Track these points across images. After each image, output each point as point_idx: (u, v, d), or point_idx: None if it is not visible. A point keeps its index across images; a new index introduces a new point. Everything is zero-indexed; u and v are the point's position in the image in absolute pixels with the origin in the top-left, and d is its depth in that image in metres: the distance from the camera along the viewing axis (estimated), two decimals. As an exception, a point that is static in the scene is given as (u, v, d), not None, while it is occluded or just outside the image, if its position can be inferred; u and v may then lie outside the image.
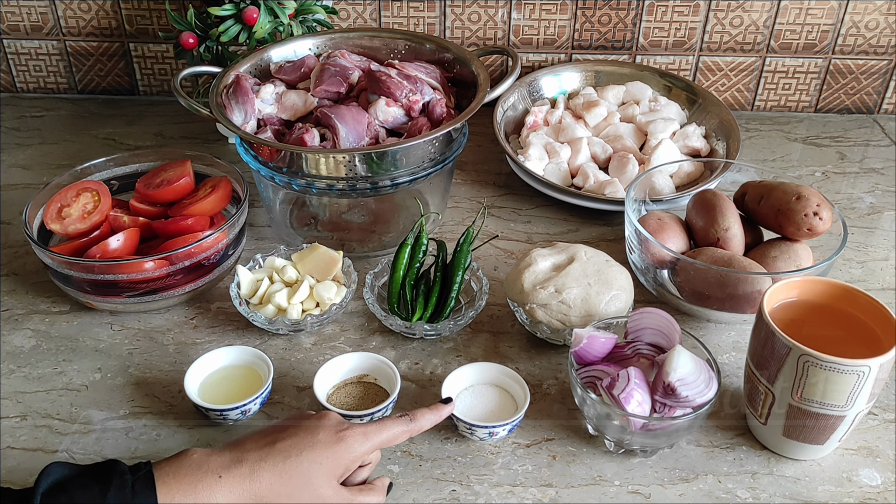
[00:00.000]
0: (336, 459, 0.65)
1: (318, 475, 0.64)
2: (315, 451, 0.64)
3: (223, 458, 0.63)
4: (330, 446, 0.65)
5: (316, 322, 0.90)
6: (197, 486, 0.60)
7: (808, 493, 0.75)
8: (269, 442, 0.65)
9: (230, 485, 0.61)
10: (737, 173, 1.05)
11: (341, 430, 0.66)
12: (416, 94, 1.01)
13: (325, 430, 0.66)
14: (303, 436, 0.65)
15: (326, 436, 0.66)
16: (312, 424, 0.67)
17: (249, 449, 0.64)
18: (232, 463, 0.63)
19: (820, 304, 0.78)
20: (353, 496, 0.67)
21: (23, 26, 1.34)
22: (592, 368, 0.79)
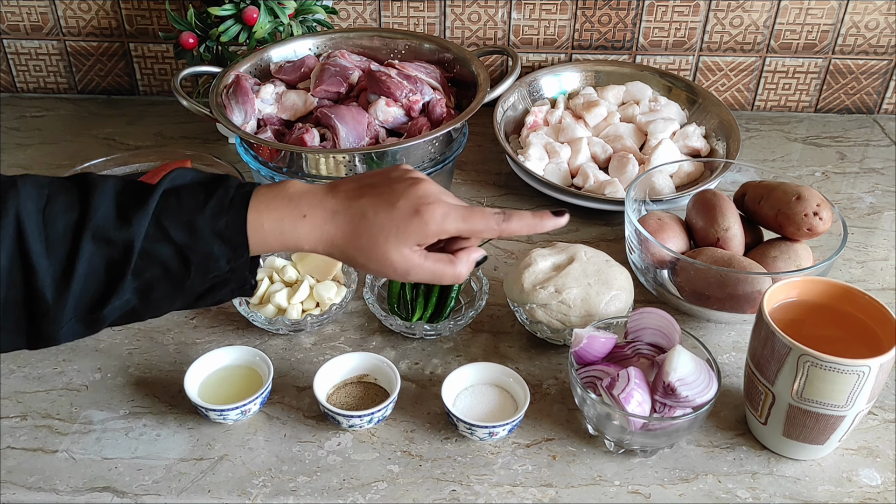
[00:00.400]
0: (406, 231, 0.65)
1: (386, 241, 0.65)
2: (389, 217, 0.65)
3: (313, 199, 0.65)
4: (404, 218, 0.65)
5: (316, 322, 0.90)
6: (283, 219, 0.64)
7: (808, 493, 0.75)
8: (355, 194, 0.66)
9: (311, 225, 0.65)
10: (737, 173, 1.05)
11: (422, 204, 0.65)
12: (416, 94, 1.02)
13: (407, 198, 0.66)
14: (385, 197, 0.66)
15: (406, 205, 0.65)
16: (401, 188, 0.67)
17: (338, 195, 0.66)
18: (318, 205, 0.65)
19: (820, 304, 0.78)
20: (423, 261, 0.67)
21: (23, 26, 1.34)
22: (592, 368, 0.79)
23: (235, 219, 0.62)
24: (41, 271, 0.58)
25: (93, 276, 0.60)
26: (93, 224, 0.59)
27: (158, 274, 0.61)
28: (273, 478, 0.75)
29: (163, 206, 0.61)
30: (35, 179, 0.61)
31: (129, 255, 0.60)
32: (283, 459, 0.77)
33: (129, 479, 0.75)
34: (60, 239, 0.59)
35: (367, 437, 0.79)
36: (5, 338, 0.60)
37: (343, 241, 0.65)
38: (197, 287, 0.63)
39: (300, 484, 0.75)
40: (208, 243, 0.62)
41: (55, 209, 0.60)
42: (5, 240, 0.57)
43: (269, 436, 0.79)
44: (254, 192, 0.64)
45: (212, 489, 0.74)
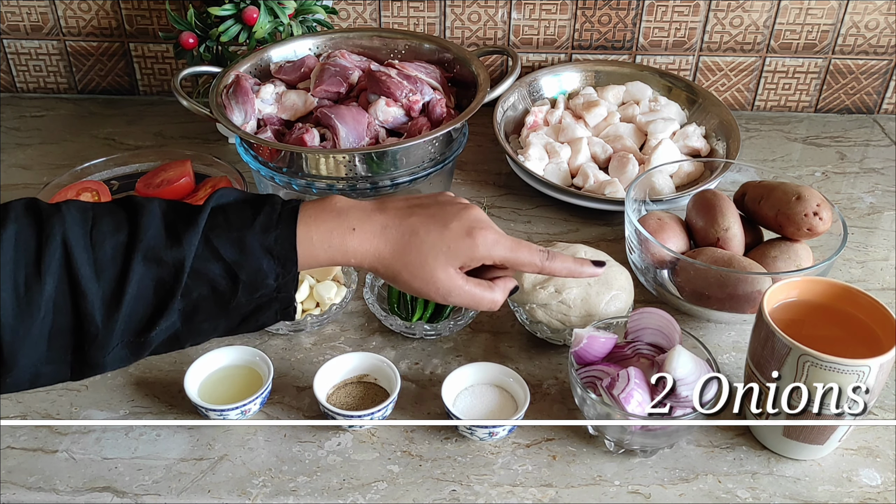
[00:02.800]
0: (456, 251, 0.67)
1: (436, 259, 0.66)
2: (441, 237, 0.66)
3: (361, 213, 0.67)
4: (456, 238, 0.67)
5: (316, 322, 0.90)
6: (332, 232, 0.65)
7: (808, 493, 0.75)
8: (407, 212, 0.67)
9: (360, 239, 0.66)
10: (737, 173, 1.05)
11: (475, 228, 0.67)
12: (416, 94, 1.02)
13: (459, 220, 0.67)
14: (438, 218, 0.67)
15: (458, 226, 0.67)
16: (453, 210, 0.68)
17: (388, 212, 0.67)
18: (367, 219, 0.66)
19: (820, 304, 0.78)
20: (465, 283, 0.68)
21: (23, 26, 1.34)
22: (592, 368, 0.79)
23: (285, 233, 0.63)
24: (91, 294, 0.57)
25: (142, 298, 0.59)
26: (143, 245, 0.59)
27: (206, 293, 0.61)
28: (273, 478, 0.75)
29: (211, 223, 0.61)
30: (78, 204, 0.61)
31: (179, 275, 0.60)
32: (283, 459, 0.77)
33: (129, 479, 0.75)
34: (109, 261, 0.58)
35: (367, 437, 0.79)
36: (49, 370, 0.59)
37: (391, 256, 0.66)
38: (243, 308, 0.63)
39: (300, 484, 0.75)
40: (258, 259, 0.62)
41: (102, 231, 0.59)
42: (52, 266, 0.57)
43: (269, 436, 0.79)
44: (300, 207, 0.65)
45: (212, 489, 0.74)
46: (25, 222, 0.58)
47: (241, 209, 0.63)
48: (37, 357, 0.58)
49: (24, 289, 0.56)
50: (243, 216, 0.63)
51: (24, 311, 0.56)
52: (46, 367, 0.59)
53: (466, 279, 0.68)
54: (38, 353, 0.58)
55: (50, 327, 0.57)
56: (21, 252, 0.57)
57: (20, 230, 0.57)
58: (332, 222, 0.65)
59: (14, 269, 0.56)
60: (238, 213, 0.63)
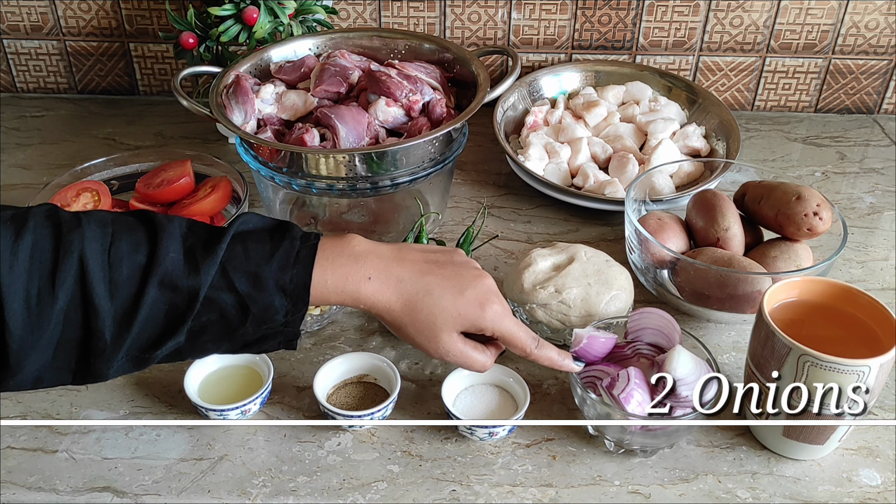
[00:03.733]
0: (465, 319, 0.69)
1: (444, 323, 0.68)
2: (454, 303, 0.68)
3: (378, 263, 0.68)
4: (468, 307, 0.69)
5: (316, 322, 0.90)
6: (348, 278, 0.66)
7: (808, 493, 0.75)
8: (424, 268, 0.69)
9: (374, 288, 0.67)
10: (737, 173, 1.05)
11: (487, 301, 0.69)
12: (416, 94, 1.01)
13: (474, 290, 0.69)
14: (454, 282, 0.69)
15: (472, 296, 0.69)
16: (468, 276, 0.70)
17: (405, 264, 0.69)
18: (384, 270, 0.68)
19: (820, 304, 0.78)
20: (463, 346, 0.70)
21: (23, 26, 1.34)
22: (592, 368, 0.79)
23: (301, 274, 0.64)
24: (103, 313, 0.58)
25: (153, 320, 0.60)
26: (161, 269, 0.59)
27: (214, 319, 0.62)
28: (273, 478, 0.75)
29: (229, 253, 0.62)
30: (99, 217, 0.61)
31: (193, 303, 0.60)
32: (283, 459, 0.77)
33: (129, 479, 0.75)
34: (125, 282, 0.59)
35: (367, 437, 0.79)
36: (52, 375, 0.60)
37: (402, 310, 0.68)
38: (248, 336, 0.64)
39: (300, 484, 0.75)
40: (270, 295, 0.62)
41: (120, 250, 0.59)
42: (67, 281, 0.57)
43: (269, 436, 0.79)
44: (318, 246, 0.65)
45: (212, 489, 0.74)
46: (44, 233, 0.58)
47: (260, 240, 0.64)
48: (42, 363, 0.58)
49: (37, 300, 0.57)
50: (262, 250, 0.63)
51: (35, 321, 0.57)
52: (50, 372, 0.59)
53: (465, 341, 0.71)
54: (44, 360, 0.58)
55: (58, 338, 0.58)
56: (37, 263, 0.57)
57: (38, 240, 0.57)
58: (348, 268, 0.66)
59: (28, 279, 0.56)
60: (257, 246, 0.63)
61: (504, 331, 0.71)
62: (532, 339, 0.72)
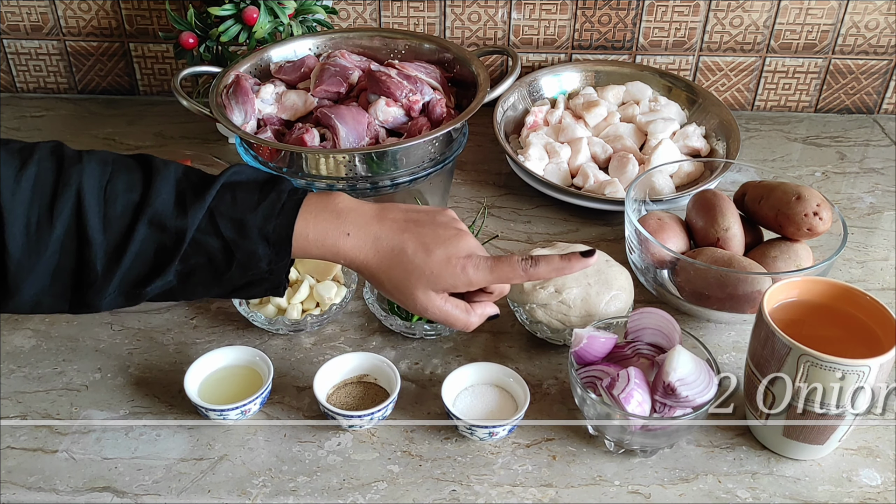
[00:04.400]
0: (437, 277, 0.69)
1: (418, 280, 0.69)
2: (425, 262, 0.69)
3: (359, 219, 0.69)
4: (438, 266, 0.69)
5: (316, 322, 0.90)
6: (328, 232, 0.68)
7: (808, 493, 0.75)
8: (402, 226, 0.70)
9: (352, 244, 0.69)
10: (737, 173, 1.05)
11: (457, 257, 0.69)
12: (416, 94, 1.01)
13: (445, 248, 0.69)
14: (428, 240, 0.70)
15: (443, 254, 0.69)
16: (444, 235, 0.70)
17: (385, 222, 0.70)
18: (363, 227, 0.69)
19: (820, 304, 0.78)
20: (443, 303, 0.71)
21: (23, 26, 1.34)
22: (592, 368, 0.79)
23: (284, 224, 0.66)
24: (95, 245, 0.62)
25: (142, 256, 0.64)
26: (151, 210, 0.63)
27: (202, 262, 0.65)
28: (273, 478, 0.75)
29: (218, 200, 0.65)
30: (100, 156, 0.65)
31: (179, 243, 0.64)
32: (283, 459, 0.77)
33: (129, 479, 0.75)
34: (118, 218, 0.63)
35: (367, 437, 0.79)
36: (49, 301, 0.64)
37: (377, 266, 0.70)
38: (235, 280, 0.67)
39: (300, 484, 0.75)
40: (254, 243, 0.66)
41: (116, 188, 0.63)
42: (64, 212, 0.61)
43: (269, 436, 0.79)
44: (304, 201, 0.68)
45: (212, 489, 0.74)
46: (47, 165, 0.62)
47: (249, 191, 0.67)
48: (39, 288, 0.63)
49: (36, 227, 0.61)
50: (249, 199, 0.66)
51: (33, 247, 0.61)
52: (47, 298, 0.63)
53: (445, 299, 0.71)
54: (42, 285, 0.63)
55: (55, 265, 0.62)
56: (38, 193, 0.61)
57: (40, 172, 0.61)
58: (329, 223, 0.68)
59: (28, 207, 0.61)
60: (245, 195, 0.66)
61: (484, 278, 0.70)
62: (521, 263, 0.70)
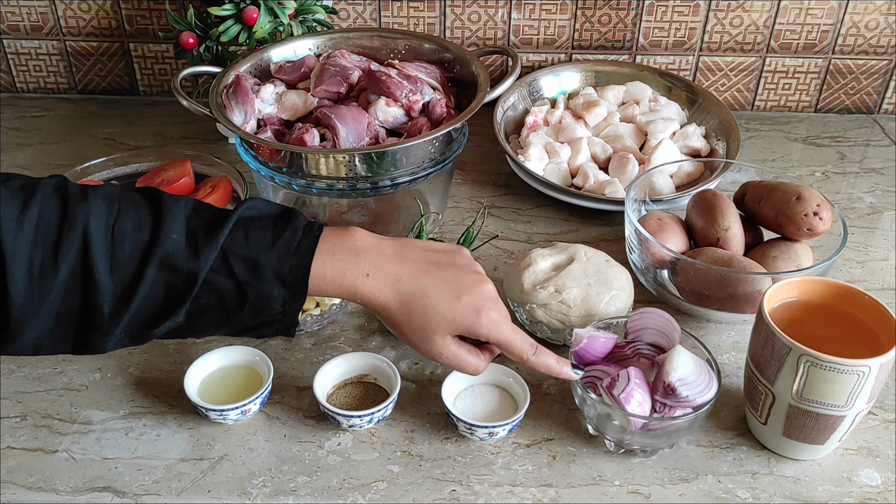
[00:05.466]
0: (460, 324, 0.68)
1: (438, 326, 0.68)
2: (450, 308, 0.68)
3: (378, 259, 0.68)
4: (463, 313, 0.68)
5: (316, 322, 0.90)
6: (346, 272, 0.66)
7: (808, 493, 0.75)
8: (424, 268, 0.69)
9: (371, 285, 0.67)
10: (737, 173, 1.05)
11: (483, 308, 0.69)
12: (416, 94, 1.01)
13: (471, 295, 0.68)
14: (452, 286, 0.68)
15: (469, 302, 0.68)
16: (468, 281, 0.69)
17: (405, 263, 0.68)
18: (383, 268, 0.67)
19: (820, 304, 0.78)
20: (457, 349, 0.70)
21: (23, 26, 1.34)
22: (592, 368, 0.79)
23: (300, 265, 0.64)
24: (103, 288, 0.59)
25: (152, 298, 0.61)
26: (162, 250, 0.60)
27: (213, 302, 0.63)
28: (273, 478, 0.75)
29: (231, 239, 0.63)
30: (106, 192, 0.62)
31: (191, 285, 0.61)
32: (283, 459, 0.77)
33: (129, 479, 0.75)
34: (126, 260, 0.60)
35: (367, 437, 0.79)
36: (51, 344, 0.61)
37: (397, 309, 0.68)
38: (246, 321, 0.65)
39: (300, 484, 0.75)
40: (269, 284, 0.63)
41: (124, 227, 0.60)
42: (70, 254, 0.58)
43: (269, 436, 0.79)
44: (320, 239, 0.65)
45: (212, 489, 0.74)
46: (51, 205, 0.59)
47: (263, 228, 0.64)
48: (41, 331, 0.60)
49: (39, 270, 0.58)
50: (263, 237, 0.64)
51: (36, 291, 0.58)
52: (50, 341, 0.61)
53: (459, 344, 0.71)
54: (44, 328, 0.60)
55: (58, 308, 0.59)
56: (41, 234, 0.58)
57: (44, 212, 0.59)
58: (347, 262, 0.66)
59: (32, 249, 0.58)
60: (259, 233, 0.64)
61: (500, 338, 0.70)
62: (529, 346, 0.71)
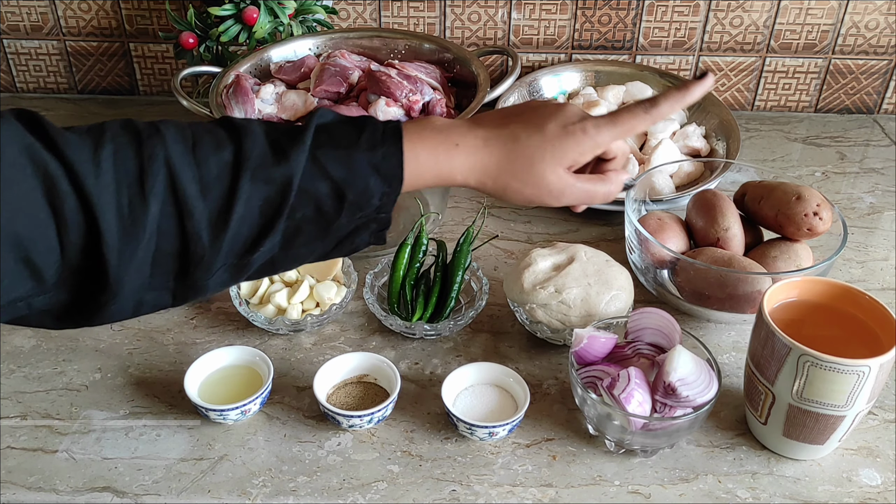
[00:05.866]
0: (561, 150, 0.66)
1: (542, 161, 0.66)
2: (542, 137, 0.66)
3: (461, 129, 0.66)
4: (556, 138, 0.66)
5: (316, 322, 0.90)
6: (437, 149, 0.64)
7: (808, 493, 0.75)
8: (503, 122, 0.67)
9: (465, 153, 0.65)
10: (737, 173, 1.05)
11: (570, 124, 0.66)
12: (416, 94, 1.02)
13: (554, 120, 0.66)
14: (534, 122, 0.66)
15: (554, 127, 0.66)
16: (547, 111, 0.67)
17: (485, 125, 0.67)
18: (468, 133, 0.66)
19: (820, 304, 0.78)
20: (577, 181, 0.68)
21: (23, 26, 1.34)
22: (593, 368, 0.79)
23: (392, 150, 0.61)
24: (197, 213, 0.56)
25: (249, 217, 0.57)
26: (250, 163, 0.57)
27: (310, 213, 0.60)
28: (273, 478, 0.75)
29: (316, 141, 0.60)
30: (174, 123, 0.59)
31: (287, 194, 0.58)
32: (283, 459, 0.77)
33: (129, 479, 0.75)
34: (215, 179, 0.57)
35: (367, 437, 0.79)
36: (151, 297, 0.58)
37: (497, 166, 0.66)
38: (343, 229, 0.61)
39: (300, 484, 0.75)
40: (365, 177, 0.60)
41: (205, 150, 0.57)
42: (156, 186, 0.55)
43: (269, 436, 0.79)
44: (402, 125, 0.63)
45: (212, 489, 0.74)
46: (123, 141, 0.56)
47: (343, 128, 0.62)
48: (140, 282, 0.56)
49: (129, 209, 0.54)
50: (347, 134, 0.61)
51: (129, 232, 0.54)
52: (149, 293, 0.57)
53: (577, 177, 0.68)
54: (142, 277, 0.56)
55: (154, 250, 0.56)
56: (122, 171, 0.55)
57: (118, 148, 0.55)
58: (435, 139, 0.64)
59: (116, 189, 0.54)
60: (342, 132, 0.61)
61: (609, 134, 0.66)
62: (639, 107, 0.67)
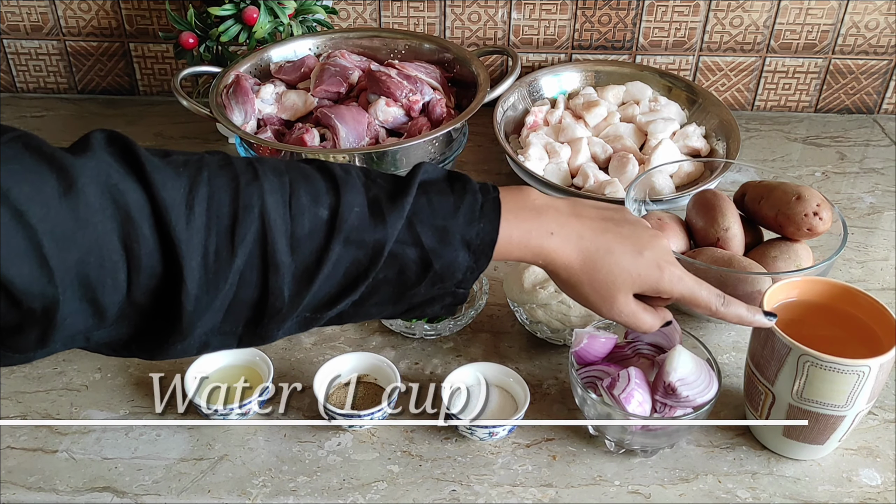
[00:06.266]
0: (644, 281, 0.66)
1: (623, 284, 0.66)
2: (634, 264, 0.66)
3: (559, 217, 0.65)
4: (647, 269, 0.66)
5: (316, 322, 0.90)
6: (531, 232, 0.63)
7: (808, 493, 0.75)
8: (602, 226, 0.66)
9: (556, 244, 0.64)
10: (737, 173, 1.05)
11: (665, 262, 0.67)
12: (416, 94, 1.02)
13: (653, 251, 0.66)
14: (632, 242, 0.66)
15: (651, 257, 0.66)
16: (646, 237, 0.67)
17: (583, 220, 0.66)
18: (565, 225, 0.65)
19: (820, 304, 0.78)
20: (637, 308, 0.68)
21: (23, 26, 1.34)
22: (593, 368, 0.79)
23: (488, 229, 0.61)
24: (283, 269, 0.54)
25: (333, 276, 0.56)
26: (346, 225, 0.56)
27: (391, 276, 0.58)
28: (273, 478, 0.75)
29: (416, 206, 0.59)
30: (273, 165, 0.57)
31: (377, 259, 0.57)
32: (283, 459, 0.77)
33: (129, 479, 0.75)
34: (307, 236, 0.55)
35: (367, 437, 0.79)
36: (217, 340, 0.57)
37: (580, 267, 0.65)
38: (419, 296, 0.61)
39: (300, 484, 0.75)
40: (455, 251, 0.59)
41: (301, 203, 0.56)
42: (247, 237, 0.53)
43: (269, 436, 0.79)
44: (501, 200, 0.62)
45: (212, 489, 0.74)
46: (220, 183, 0.54)
47: (443, 192, 0.60)
48: (211, 326, 0.55)
49: (214, 258, 0.53)
50: (446, 202, 0.60)
51: (211, 281, 0.53)
52: (216, 337, 0.56)
53: (638, 303, 0.68)
54: (214, 322, 0.55)
55: (231, 299, 0.54)
56: (214, 218, 0.53)
57: (213, 191, 0.54)
58: (531, 222, 0.64)
59: (206, 235, 0.53)
60: (441, 198, 0.60)
61: (685, 292, 0.68)
62: (717, 297, 0.69)
